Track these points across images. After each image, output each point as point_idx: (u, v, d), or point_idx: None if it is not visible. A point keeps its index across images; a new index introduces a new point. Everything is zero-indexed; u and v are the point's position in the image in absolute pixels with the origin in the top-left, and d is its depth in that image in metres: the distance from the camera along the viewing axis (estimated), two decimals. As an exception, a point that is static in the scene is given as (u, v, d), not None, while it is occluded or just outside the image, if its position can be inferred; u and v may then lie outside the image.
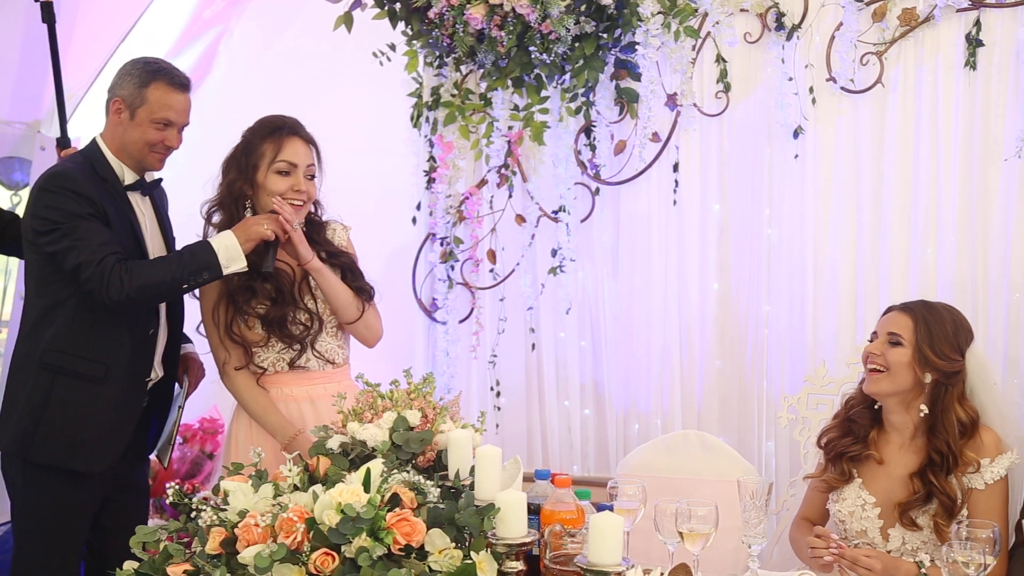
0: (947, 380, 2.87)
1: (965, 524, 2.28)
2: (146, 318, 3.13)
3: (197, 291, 3.23)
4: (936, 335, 2.88)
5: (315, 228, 3.32)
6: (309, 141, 3.24)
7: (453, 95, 4.07)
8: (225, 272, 3.00)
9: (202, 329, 3.28)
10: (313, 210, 3.31)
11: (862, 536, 2.93)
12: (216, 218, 3.25)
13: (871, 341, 2.96)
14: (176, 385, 3.30)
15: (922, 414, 2.89)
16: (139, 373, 3.13)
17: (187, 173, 3.67)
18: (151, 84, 3.05)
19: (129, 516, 3.14)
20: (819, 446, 3.07)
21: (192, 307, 3.33)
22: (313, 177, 3.23)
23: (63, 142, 3.74)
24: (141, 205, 3.18)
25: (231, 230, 3.04)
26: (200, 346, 3.36)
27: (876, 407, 2.98)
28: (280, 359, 3.21)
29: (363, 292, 3.32)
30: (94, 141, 3.14)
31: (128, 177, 3.13)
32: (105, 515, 3.15)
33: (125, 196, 3.11)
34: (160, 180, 3.30)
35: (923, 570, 2.68)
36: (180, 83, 3.11)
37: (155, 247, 3.17)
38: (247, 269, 3.04)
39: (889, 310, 3.00)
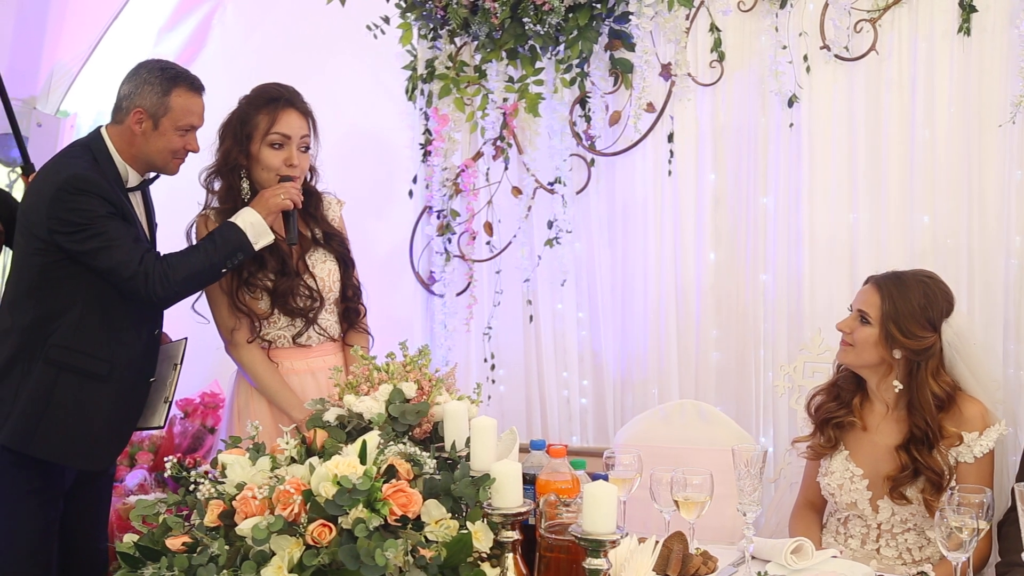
0: (917, 357, 2.87)
1: (957, 490, 2.30)
2: (153, 318, 3.14)
3: None
4: (903, 313, 2.87)
5: (312, 200, 3.32)
6: (305, 113, 3.23)
7: (448, 67, 4.06)
8: (256, 248, 3.03)
9: (197, 306, 3.29)
10: (309, 177, 3.31)
11: (852, 508, 2.96)
12: (216, 185, 3.25)
13: (850, 311, 2.99)
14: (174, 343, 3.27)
15: (896, 389, 2.91)
16: (143, 373, 3.14)
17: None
18: (173, 91, 3.03)
19: (95, 500, 3.22)
20: (807, 411, 3.10)
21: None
22: (307, 149, 3.23)
23: (27, 169, 3.63)
24: (137, 203, 3.17)
25: (251, 206, 3.06)
26: (189, 328, 3.36)
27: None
28: (282, 335, 3.22)
29: (349, 315, 3.34)
30: (100, 137, 3.09)
31: (132, 179, 3.12)
32: (72, 497, 3.15)
33: (127, 198, 3.09)
34: (155, 178, 3.28)
35: None
36: (199, 87, 3.12)
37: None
38: (273, 242, 3.07)
39: (867, 281, 3.03)
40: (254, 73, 4.64)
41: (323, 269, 3.28)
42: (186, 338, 3.25)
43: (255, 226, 3.02)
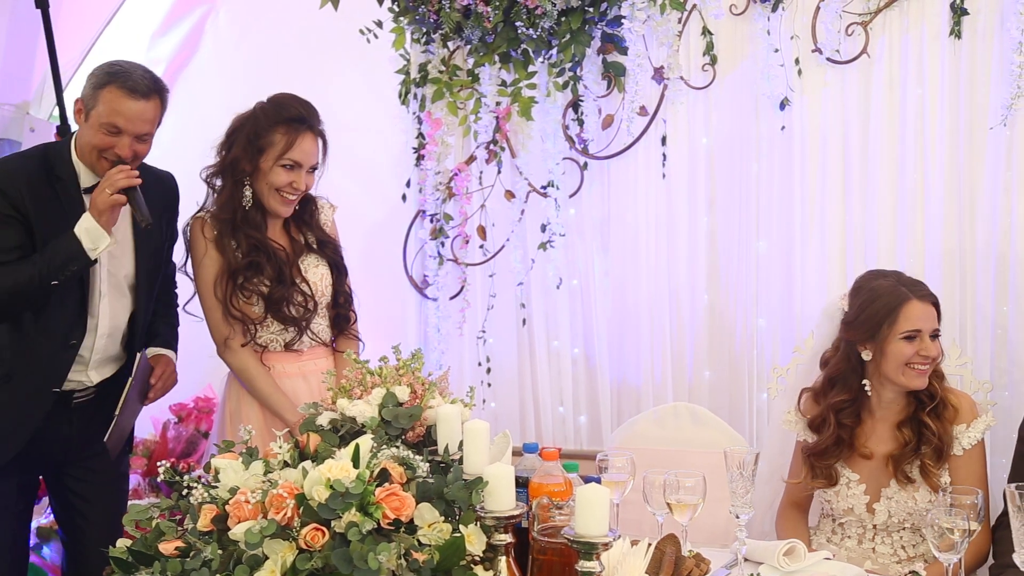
0: None
1: (949, 492, 2.31)
2: (67, 329, 3.01)
3: (190, 269, 3.24)
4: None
5: (307, 206, 3.32)
6: (321, 136, 3.22)
7: (441, 71, 4.07)
8: (94, 256, 2.87)
9: (189, 307, 3.28)
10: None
11: (848, 514, 2.97)
12: (217, 183, 3.24)
13: (913, 339, 2.86)
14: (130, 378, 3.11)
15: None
16: (47, 382, 3.02)
17: (175, 152, 3.67)
18: (105, 87, 2.90)
19: (104, 502, 3.19)
20: (804, 452, 3.04)
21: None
22: (314, 170, 3.23)
23: (63, 129, 3.65)
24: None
25: (87, 211, 2.91)
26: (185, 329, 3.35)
27: (862, 398, 2.98)
28: (275, 339, 3.22)
29: (340, 321, 3.33)
30: (71, 135, 3.05)
31: (86, 179, 3.00)
32: (83, 503, 3.16)
33: (80, 199, 2.97)
34: None
35: None
36: (137, 89, 2.90)
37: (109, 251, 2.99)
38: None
39: (909, 298, 2.88)
40: (246, 77, 4.66)
41: (315, 274, 3.27)
42: (141, 353, 3.12)
43: (90, 232, 2.86)
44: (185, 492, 2.17)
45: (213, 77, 4.81)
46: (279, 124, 3.15)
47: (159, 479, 2.25)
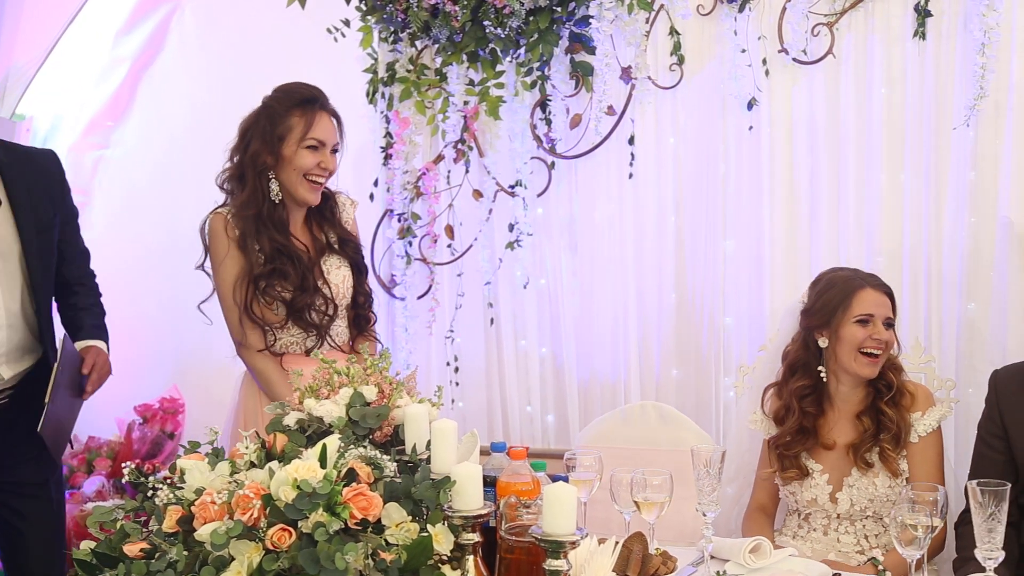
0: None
1: (910, 488, 2.34)
2: None
3: (208, 267, 3.19)
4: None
5: (327, 202, 3.27)
6: (336, 116, 3.21)
7: (408, 71, 4.06)
8: None
9: (204, 307, 3.23)
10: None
11: (812, 505, 3.03)
12: (235, 187, 3.17)
13: (866, 324, 2.98)
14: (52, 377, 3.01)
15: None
16: None
17: (140, 150, 3.66)
18: None
19: (38, 510, 3.12)
20: (770, 446, 3.13)
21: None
22: (336, 151, 3.20)
23: None
24: None
25: None
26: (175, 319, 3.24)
27: (822, 380, 3.06)
28: (295, 343, 3.18)
29: (359, 322, 3.28)
30: None
31: None
32: (18, 520, 3.09)
33: None
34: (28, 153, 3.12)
35: (880, 567, 2.77)
36: None
37: None
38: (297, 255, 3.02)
39: (863, 285, 3.02)
40: (212, 77, 4.64)
41: (337, 276, 3.23)
42: (65, 336, 3.03)
43: None
44: (150, 493, 2.16)
45: (178, 76, 4.78)
46: (294, 107, 3.13)
47: (124, 480, 2.23)
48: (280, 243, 3.11)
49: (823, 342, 3.03)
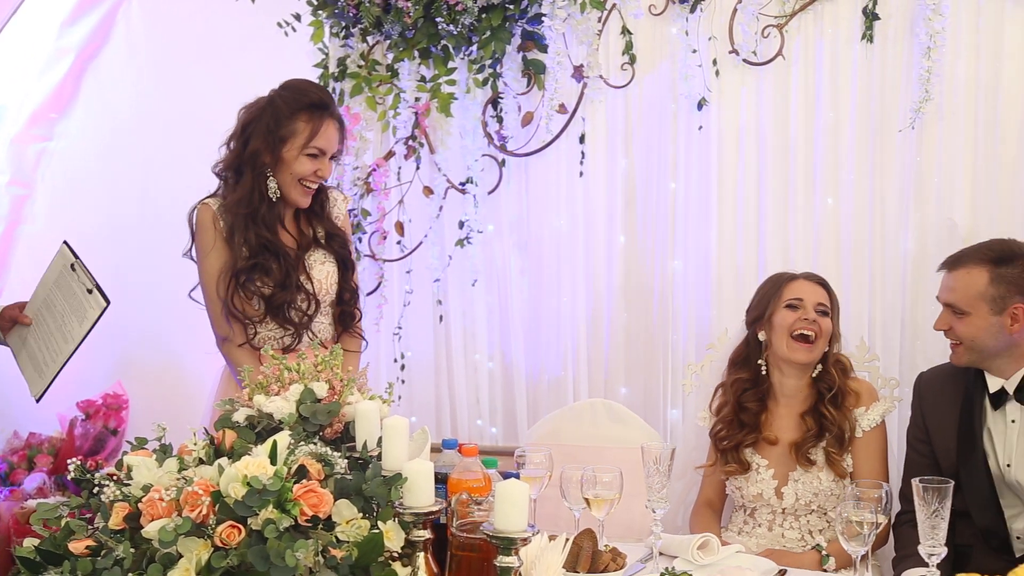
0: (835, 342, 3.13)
1: (855, 485, 2.38)
2: None
3: (194, 252, 3.13)
4: (838, 308, 3.15)
5: (317, 197, 3.21)
6: (341, 122, 3.15)
7: (360, 66, 4.04)
8: None
9: (195, 295, 3.18)
10: None
11: (758, 499, 3.07)
12: (231, 179, 3.11)
13: (796, 308, 3.06)
14: None
15: (815, 374, 3.08)
16: None
17: (85, 141, 3.60)
18: None
19: None
20: (711, 437, 3.19)
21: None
22: (335, 157, 3.16)
23: None
24: None
25: None
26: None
27: (762, 374, 3.12)
28: (272, 337, 3.13)
29: (344, 318, 3.23)
30: None
31: None
32: None
33: None
34: None
35: (823, 552, 2.82)
36: None
37: None
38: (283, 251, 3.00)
39: (795, 277, 3.14)
40: (159, 70, 4.58)
41: (321, 271, 3.18)
42: (64, 241, 3.08)
43: None
44: (96, 490, 2.13)
45: (124, 68, 4.71)
46: (301, 111, 3.06)
47: (68, 477, 2.19)
48: (266, 239, 3.07)
49: (762, 335, 3.11)
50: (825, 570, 2.83)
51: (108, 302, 3.05)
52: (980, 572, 2.14)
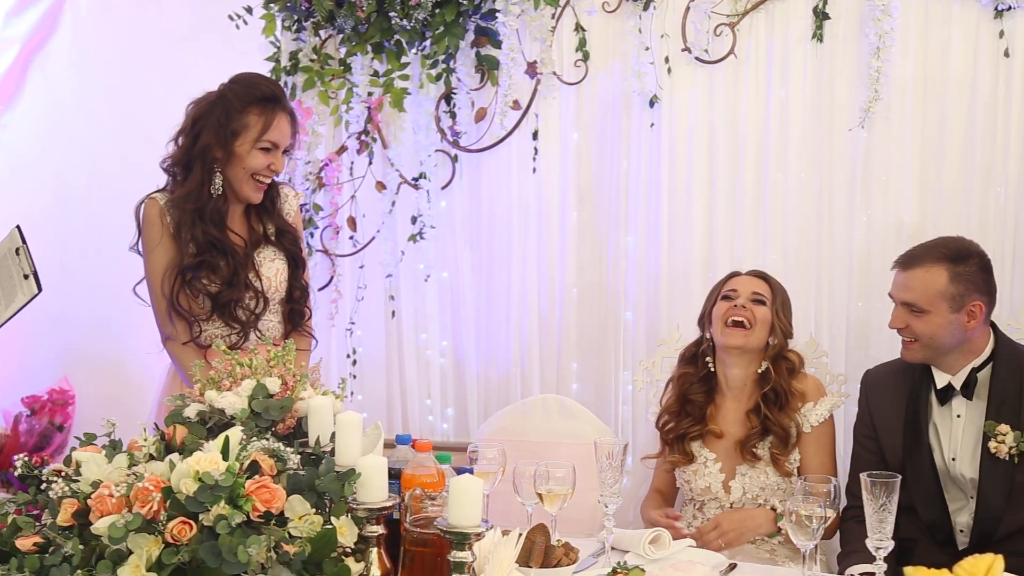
0: (785, 340, 3.16)
1: (804, 480, 2.41)
2: None
3: (141, 247, 3.08)
4: (785, 301, 3.19)
5: (268, 193, 3.16)
6: (293, 116, 3.11)
7: (312, 60, 4.02)
8: None
9: (139, 290, 3.13)
10: None
11: (706, 493, 3.12)
12: (179, 175, 3.05)
13: (727, 300, 3.14)
14: None
15: (761, 369, 3.12)
16: None
17: (30, 133, 3.54)
18: None
19: None
20: (658, 428, 3.25)
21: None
22: (287, 152, 3.12)
23: None
24: None
25: None
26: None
27: (710, 371, 3.17)
28: (221, 336, 3.06)
29: (294, 316, 3.19)
30: None
31: None
32: None
33: None
34: None
35: (779, 511, 2.88)
36: None
37: None
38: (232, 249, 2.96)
39: (737, 274, 3.24)
40: (107, 62, 4.52)
41: (270, 268, 3.13)
42: (17, 225, 2.99)
43: None
44: (44, 486, 2.10)
45: (71, 59, 4.64)
46: (252, 104, 3.01)
47: (15, 473, 2.16)
48: (214, 236, 3.02)
49: (708, 333, 3.19)
50: (780, 529, 2.91)
51: (40, 290, 2.97)
52: (924, 566, 2.17)
